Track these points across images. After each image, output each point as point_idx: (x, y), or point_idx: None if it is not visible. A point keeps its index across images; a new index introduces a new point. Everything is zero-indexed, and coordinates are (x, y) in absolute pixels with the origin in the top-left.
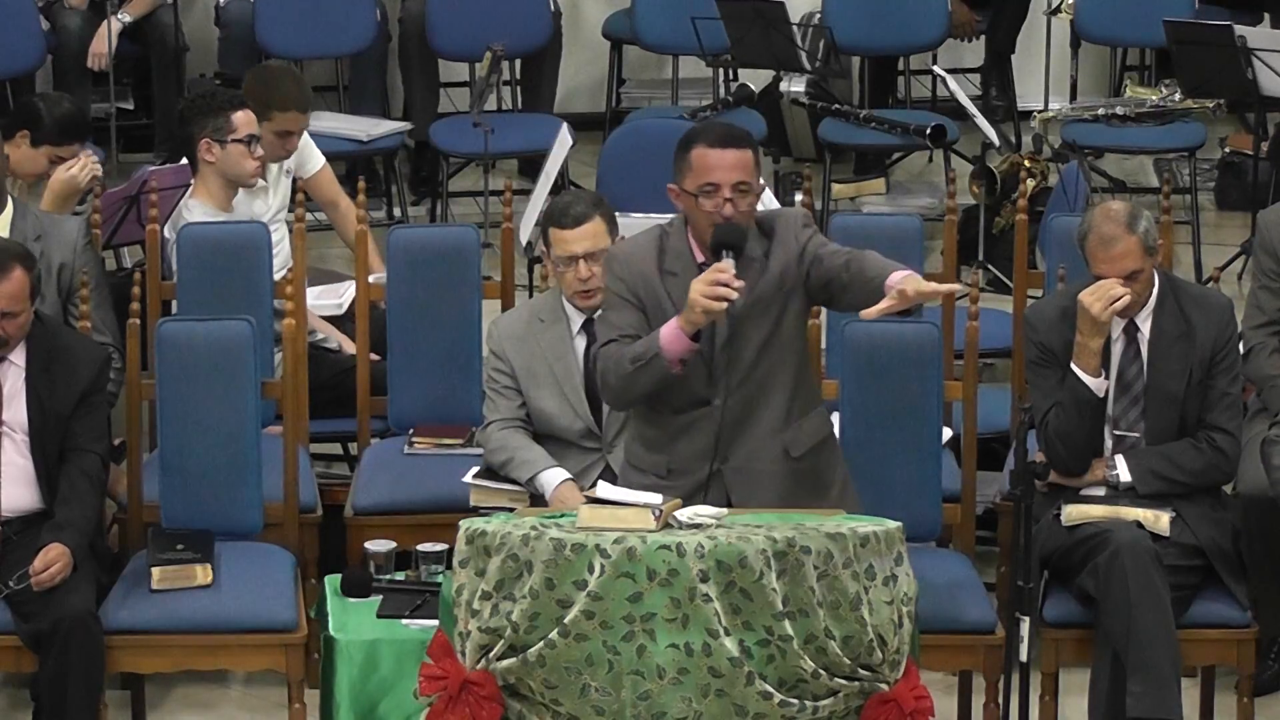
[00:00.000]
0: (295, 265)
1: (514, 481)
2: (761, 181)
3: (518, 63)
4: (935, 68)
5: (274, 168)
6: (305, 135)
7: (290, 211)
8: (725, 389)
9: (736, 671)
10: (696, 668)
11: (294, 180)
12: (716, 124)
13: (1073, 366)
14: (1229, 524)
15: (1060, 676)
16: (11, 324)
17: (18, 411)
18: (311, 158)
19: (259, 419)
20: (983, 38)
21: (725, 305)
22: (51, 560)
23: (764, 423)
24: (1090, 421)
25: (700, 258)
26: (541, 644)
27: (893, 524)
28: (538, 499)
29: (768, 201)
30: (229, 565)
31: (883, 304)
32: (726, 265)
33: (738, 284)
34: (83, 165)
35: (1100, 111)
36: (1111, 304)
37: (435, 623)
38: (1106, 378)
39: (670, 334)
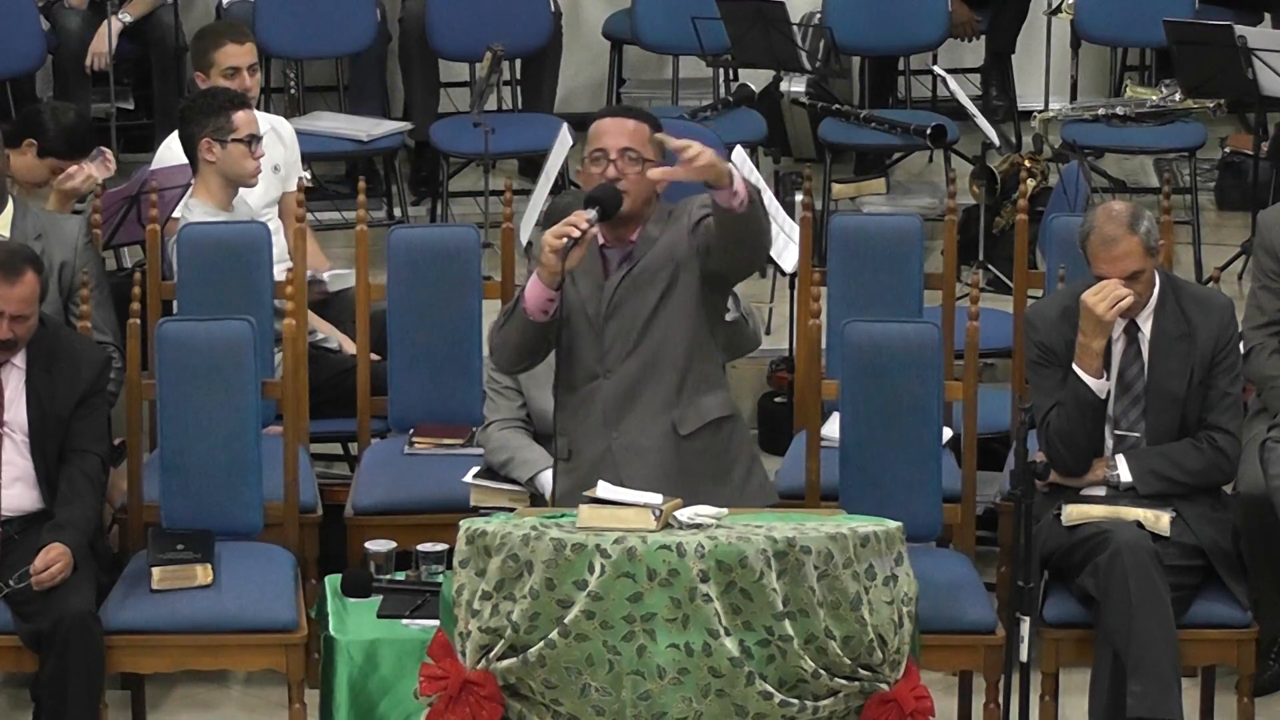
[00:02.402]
0: (295, 265)
1: (514, 481)
2: (659, 168)
3: (518, 63)
4: (935, 68)
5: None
6: (296, 148)
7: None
8: (613, 360)
9: (737, 671)
10: (697, 668)
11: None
12: (620, 104)
13: (1074, 367)
14: (1229, 524)
15: (1060, 676)
16: (20, 327)
17: (18, 412)
18: (297, 170)
19: (259, 419)
20: (983, 37)
21: (565, 244)
22: (52, 560)
23: (652, 397)
24: (1092, 422)
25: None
26: (542, 644)
27: (893, 524)
28: (538, 499)
29: (768, 202)
30: (229, 565)
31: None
32: (583, 213)
33: (583, 226)
34: (86, 177)
35: (1100, 111)
36: (1116, 304)
37: (435, 623)
38: (1108, 379)
39: (531, 283)
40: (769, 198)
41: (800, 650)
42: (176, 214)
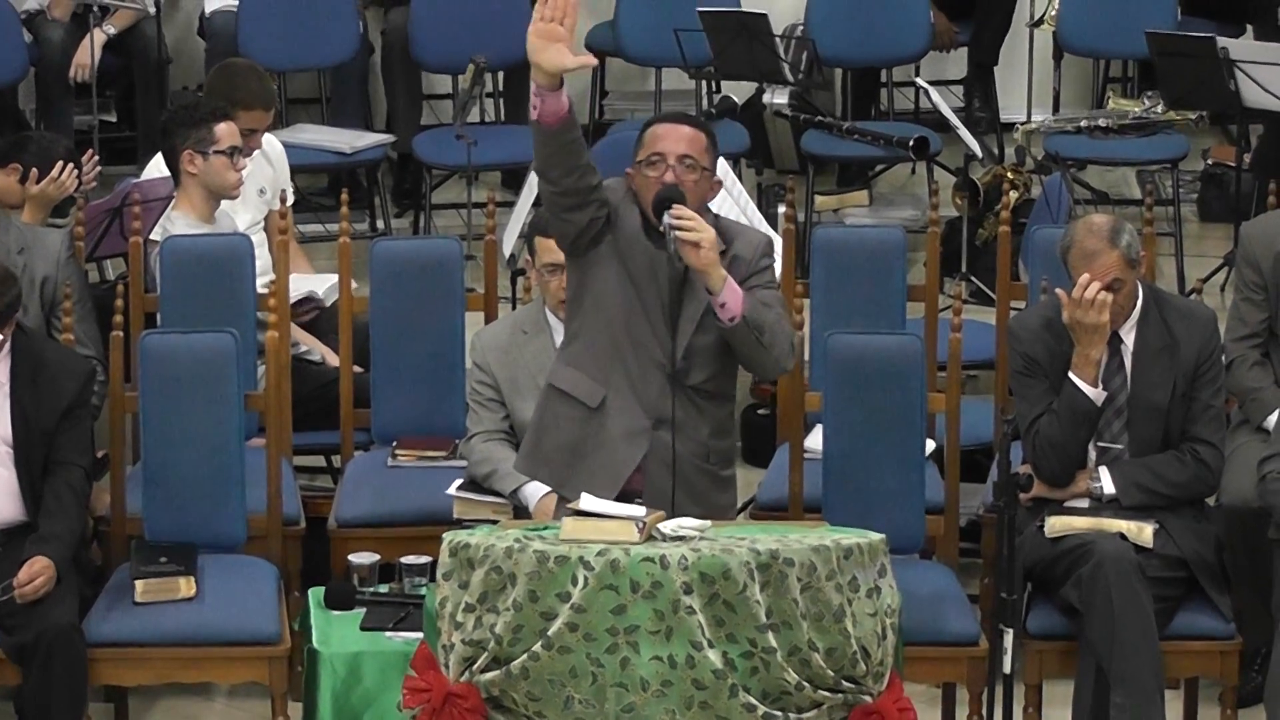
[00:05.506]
0: (278, 278)
1: (497, 494)
2: (718, 177)
3: (500, 75)
4: (918, 79)
5: (246, 184)
6: (285, 167)
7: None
8: (683, 371)
9: (720, 683)
10: (680, 680)
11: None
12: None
13: (1071, 376)
14: (1212, 536)
15: (1044, 688)
16: None
17: (2, 425)
18: (285, 186)
19: (242, 431)
20: (965, 49)
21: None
22: (36, 573)
23: (700, 425)
24: (1085, 431)
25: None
26: (525, 656)
27: (876, 536)
28: (521, 511)
29: (751, 214)
30: (212, 578)
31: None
32: (680, 210)
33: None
34: (58, 183)
35: (1083, 123)
36: (1100, 305)
37: (419, 635)
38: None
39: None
40: (753, 210)
41: (783, 662)
42: (159, 227)
